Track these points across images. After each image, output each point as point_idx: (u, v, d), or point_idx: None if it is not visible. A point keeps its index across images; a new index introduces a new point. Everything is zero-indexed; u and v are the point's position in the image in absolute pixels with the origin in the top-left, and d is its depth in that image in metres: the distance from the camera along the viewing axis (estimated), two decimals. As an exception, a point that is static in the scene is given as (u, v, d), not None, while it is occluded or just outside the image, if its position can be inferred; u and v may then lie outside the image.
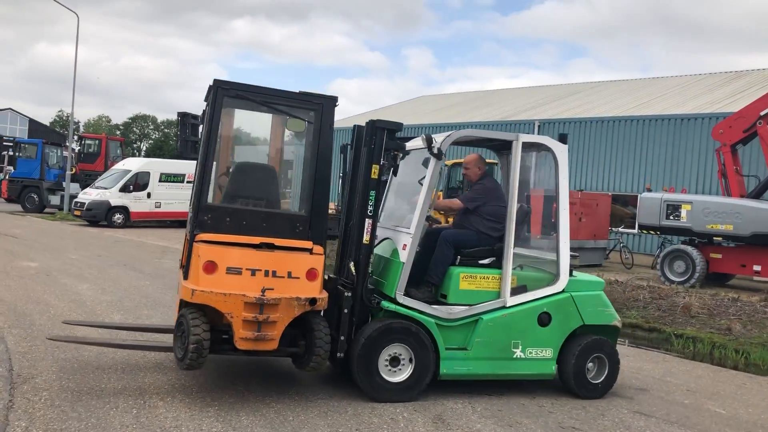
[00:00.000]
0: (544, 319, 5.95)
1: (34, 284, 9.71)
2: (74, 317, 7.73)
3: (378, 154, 5.63)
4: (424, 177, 5.86)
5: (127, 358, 6.20)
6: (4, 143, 35.95)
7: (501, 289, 5.91)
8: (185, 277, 5.33)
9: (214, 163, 5.49)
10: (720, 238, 15.08)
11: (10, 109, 73.29)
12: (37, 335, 6.80)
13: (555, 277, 6.05)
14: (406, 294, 5.70)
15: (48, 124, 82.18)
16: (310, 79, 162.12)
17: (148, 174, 22.04)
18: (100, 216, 21.06)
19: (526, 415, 5.49)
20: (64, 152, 29.47)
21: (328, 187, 5.52)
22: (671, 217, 15.42)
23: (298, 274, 5.20)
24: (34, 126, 71.85)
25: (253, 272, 5.09)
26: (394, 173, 5.94)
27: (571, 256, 6.16)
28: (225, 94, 5.32)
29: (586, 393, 6.02)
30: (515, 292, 5.93)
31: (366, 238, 5.63)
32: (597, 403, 5.96)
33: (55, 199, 26.18)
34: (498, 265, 6.00)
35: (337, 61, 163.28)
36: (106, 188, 21.45)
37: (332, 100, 5.53)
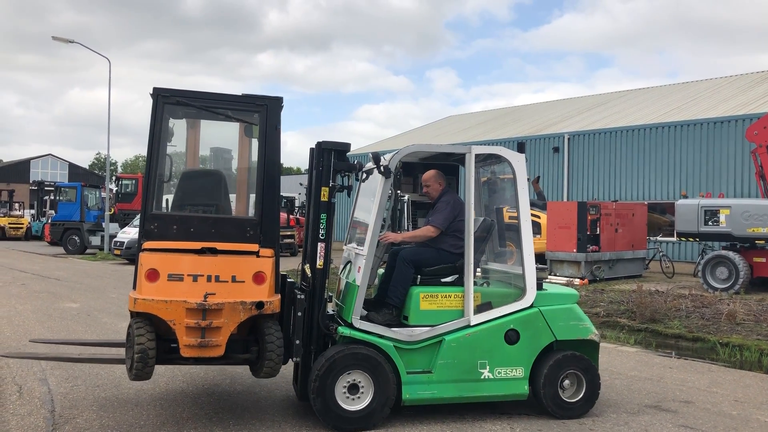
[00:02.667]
0: (511, 337, 5.69)
1: (75, 325, 9.90)
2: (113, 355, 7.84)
3: (327, 176, 5.55)
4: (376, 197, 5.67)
5: (165, 394, 6.26)
6: (46, 188, 37.07)
7: (464, 308, 5.70)
8: (133, 287, 5.29)
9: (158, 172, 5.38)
10: (762, 242, 14.67)
11: (50, 154, 75.42)
12: (79, 375, 6.92)
13: (522, 292, 5.81)
14: (366, 318, 5.58)
15: (87, 167, 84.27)
16: (337, 106, 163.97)
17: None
18: (139, 254, 21.37)
19: (566, 433, 5.38)
20: (102, 193, 30.21)
21: (277, 189, 5.43)
22: (710, 223, 15.09)
23: (243, 278, 5.11)
24: (74, 169, 73.71)
25: (195, 278, 5.00)
26: (348, 194, 5.86)
27: (539, 269, 5.91)
28: (165, 102, 5.29)
29: (562, 413, 5.71)
30: (479, 309, 5.70)
31: (319, 262, 5.52)
32: (640, 418, 5.81)
33: (95, 240, 26.77)
34: (461, 282, 5.79)
35: (362, 87, 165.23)
36: (143, 227, 21.81)
37: (277, 101, 5.45)
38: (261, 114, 5.43)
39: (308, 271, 5.55)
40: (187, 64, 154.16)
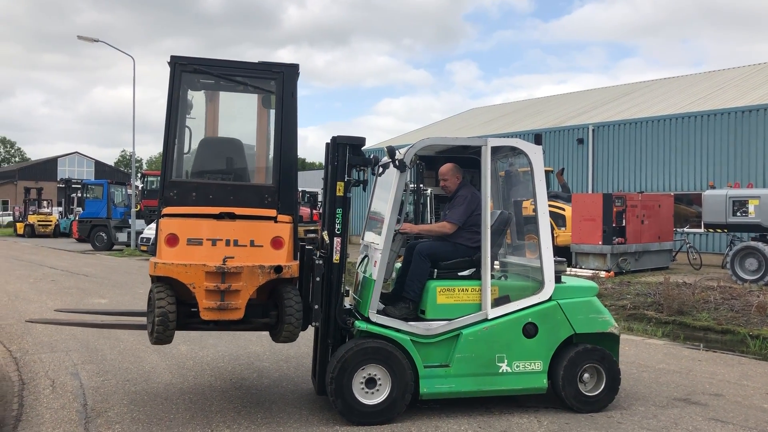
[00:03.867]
0: (530, 330, 5.65)
1: (104, 320, 10.05)
2: (142, 349, 7.97)
3: (342, 171, 5.56)
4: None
5: (194, 388, 6.34)
6: (73, 186, 37.65)
7: (482, 301, 5.68)
8: (153, 253, 5.36)
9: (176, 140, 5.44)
10: (793, 232, 14.42)
11: (76, 152, 76.49)
12: (109, 369, 7.03)
13: (540, 285, 5.76)
14: (383, 312, 5.58)
15: (113, 165, 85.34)
16: (357, 101, 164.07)
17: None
18: (165, 250, 21.64)
19: (595, 427, 5.35)
20: (128, 190, 30.61)
21: (294, 156, 5.46)
22: (738, 214, 14.86)
23: (261, 242, 5.15)
24: (100, 167, 74.72)
25: (214, 242, 5.07)
26: (364, 189, 5.85)
27: (558, 261, 5.86)
28: (183, 70, 5.32)
29: (582, 407, 5.67)
30: (497, 303, 5.67)
31: (335, 257, 5.54)
32: (669, 412, 5.76)
33: (122, 237, 27.17)
34: (478, 276, 5.75)
35: (382, 81, 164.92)
36: (169, 223, 22.06)
37: (293, 68, 5.45)
38: (277, 81, 5.45)
39: (326, 238, 5.57)
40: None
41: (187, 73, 5.38)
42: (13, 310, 11.01)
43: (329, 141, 5.75)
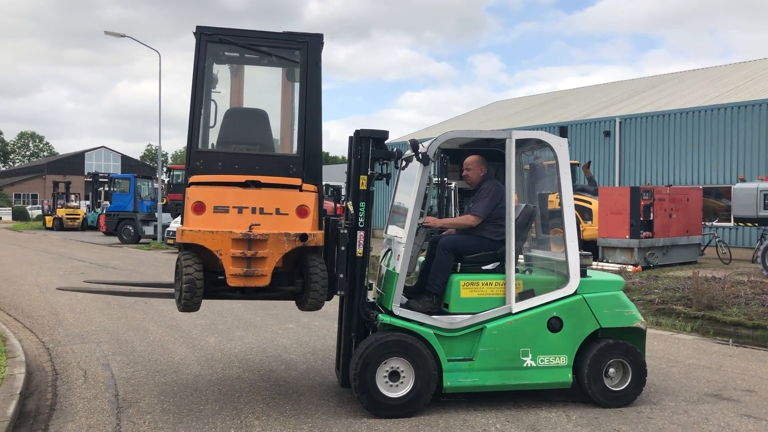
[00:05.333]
0: (554, 325, 5.62)
1: (133, 312, 10.19)
2: (171, 341, 8.07)
3: (365, 165, 5.55)
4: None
5: (223, 380, 6.41)
6: (100, 179, 38.15)
7: (506, 295, 5.66)
8: (180, 222, 5.41)
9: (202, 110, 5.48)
10: (826, 226, 14.14)
11: (103, 147, 77.61)
12: (139, 361, 7.13)
13: (565, 279, 5.73)
14: (407, 306, 5.57)
15: (138, 159, 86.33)
16: (379, 94, 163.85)
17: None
18: (191, 243, 21.88)
19: (624, 422, 5.31)
20: (154, 184, 30.95)
21: (319, 126, 5.48)
22: (770, 207, 14.59)
23: (287, 211, 5.20)
24: (126, 161, 75.71)
25: (240, 210, 5.12)
26: (387, 182, 5.85)
27: (583, 255, 5.81)
28: (208, 40, 5.36)
29: (607, 402, 5.63)
30: (521, 297, 5.64)
31: (359, 250, 5.54)
32: (700, 407, 5.69)
33: (149, 230, 27.48)
34: (502, 270, 5.73)
35: (403, 74, 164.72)
36: (195, 216, 22.28)
37: (317, 38, 5.46)
38: (302, 51, 5.48)
39: (351, 208, 5.58)
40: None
41: (212, 43, 5.42)
42: (45, 302, 11.21)
43: (352, 135, 5.77)
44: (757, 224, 15.46)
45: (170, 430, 5.04)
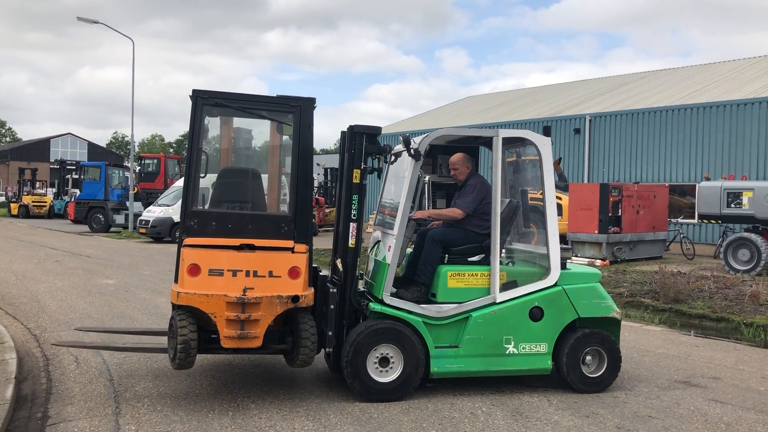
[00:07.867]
0: (536, 314, 5.93)
1: (116, 300, 10.26)
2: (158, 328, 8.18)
3: (358, 159, 5.79)
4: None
5: (216, 365, 6.57)
6: (68, 167, 37.61)
7: (490, 286, 5.96)
8: (175, 280, 5.58)
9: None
10: (785, 224, 14.76)
11: (69, 133, 76.17)
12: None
13: (546, 271, 6.03)
14: (396, 295, 5.84)
15: (105, 146, 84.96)
16: (347, 86, 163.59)
17: (208, 189, 22.70)
18: (165, 232, 21.85)
19: (601, 405, 5.63)
20: (125, 173, 30.65)
21: (311, 186, 5.70)
22: (732, 205, 15.17)
23: (279, 273, 5.34)
24: (93, 149, 74.43)
25: (235, 273, 5.25)
26: (378, 176, 6.10)
27: (563, 248, 6.13)
28: (204, 103, 5.53)
29: (585, 387, 5.96)
30: (505, 287, 5.94)
31: (351, 241, 5.79)
32: (671, 393, 6.05)
33: (119, 219, 27.24)
34: (487, 261, 6.02)
35: (372, 67, 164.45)
36: (168, 205, 22.23)
37: (309, 102, 5.65)
38: (295, 114, 5.63)
39: (339, 266, 5.84)
40: (197, 42, 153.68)
41: (208, 106, 5.58)
42: (24, 290, 11.19)
43: (345, 129, 5.99)
44: (720, 221, 16.05)
45: (170, 413, 5.21)
